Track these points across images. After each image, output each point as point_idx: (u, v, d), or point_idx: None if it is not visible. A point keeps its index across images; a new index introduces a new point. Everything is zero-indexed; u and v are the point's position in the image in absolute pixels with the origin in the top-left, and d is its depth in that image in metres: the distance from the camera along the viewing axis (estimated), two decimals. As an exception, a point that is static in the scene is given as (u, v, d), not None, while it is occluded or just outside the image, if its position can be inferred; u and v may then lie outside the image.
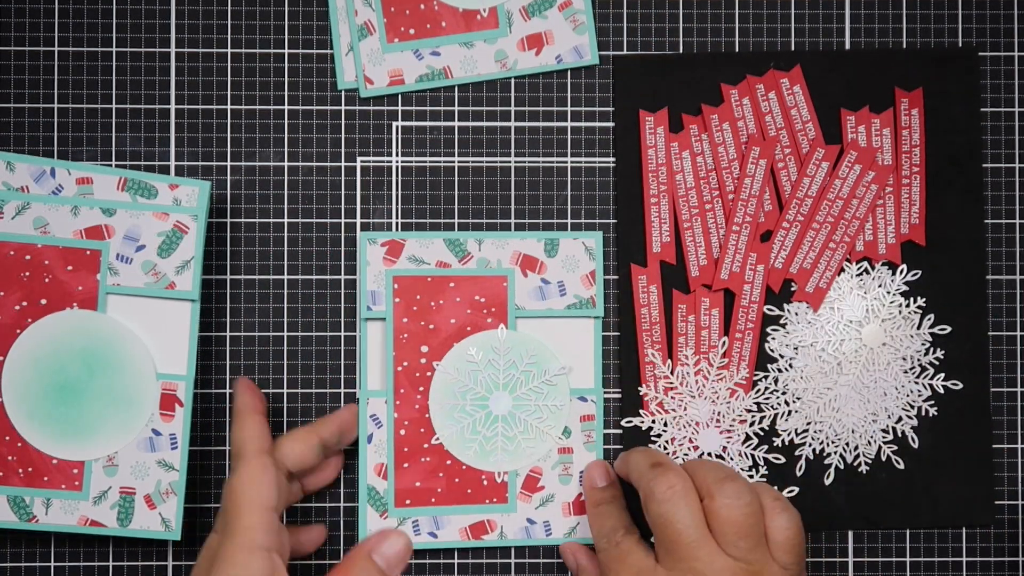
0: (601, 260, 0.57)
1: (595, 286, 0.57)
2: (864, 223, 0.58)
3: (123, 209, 0.55)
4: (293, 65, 0.58)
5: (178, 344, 0.56)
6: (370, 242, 0.57)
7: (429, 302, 0.57)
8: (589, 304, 0.57)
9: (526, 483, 0.57)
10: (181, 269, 0.55)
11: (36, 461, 0.56)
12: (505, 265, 0.57)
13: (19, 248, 0.55)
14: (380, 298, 0.57)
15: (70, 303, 0.55)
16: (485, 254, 0.57)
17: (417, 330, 0.57)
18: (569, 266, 0.57)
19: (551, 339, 0.57)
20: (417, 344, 0.57)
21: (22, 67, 0.58)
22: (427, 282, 0.57)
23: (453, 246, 0.57)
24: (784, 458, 0.58)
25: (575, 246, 0.57)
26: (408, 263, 0.57)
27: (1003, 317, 0.59)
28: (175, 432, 0.56)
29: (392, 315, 0.57)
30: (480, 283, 0.57)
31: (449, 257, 0.57)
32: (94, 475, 0.56)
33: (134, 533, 0.56)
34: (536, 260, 0.57)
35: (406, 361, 0.57)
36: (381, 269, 0.57)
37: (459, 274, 0.57)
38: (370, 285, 0.57)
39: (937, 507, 0.58)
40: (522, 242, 0.57)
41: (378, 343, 0.57)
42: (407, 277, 0.57)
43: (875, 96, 0.58)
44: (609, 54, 0.59)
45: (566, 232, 0.57)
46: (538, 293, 0.57)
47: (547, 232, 0.57)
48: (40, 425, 0.55)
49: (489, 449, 0.57)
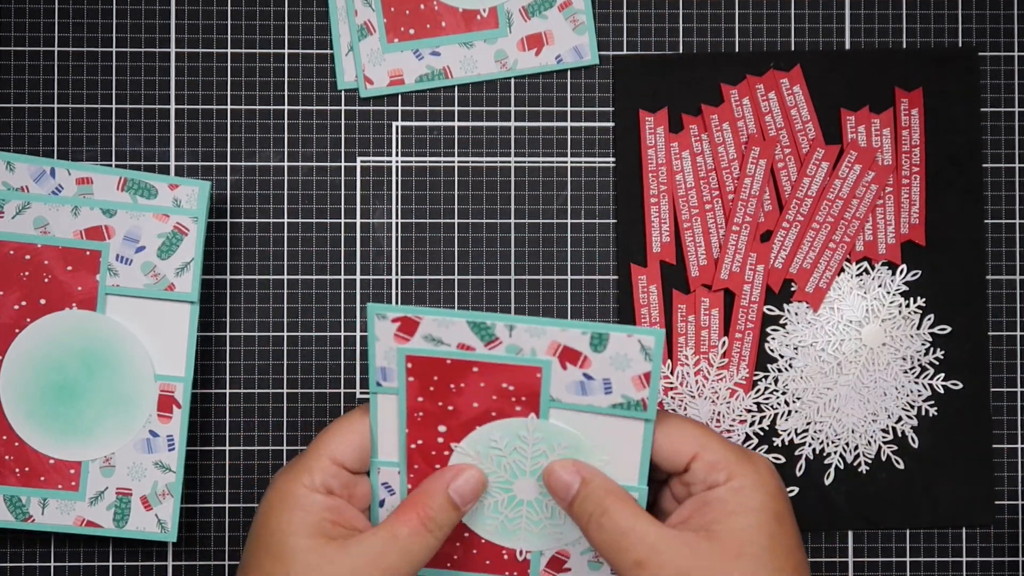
0: (659, 362, 0.47)
1: (648, 388, 0.48)
2: (864, 223, 0.58)
3: (123, 210, 0.55)
4: (293, 65, 0.58)
5: (177, 346, 0.56)
6: (379, 317, 0.48)
7: (448, 384, 0.49)
8: (639, 407, 0.48)
9: (551, 563, 0.52)
10: (181, 271, 0.55)
11: (33, 461, 0.56)
12: (540, 355, 0.48)
13: (19, 248, 0.55)
14: (392, 375, 0.49)
15: (69, 303, 0.55)
16: (517, 341, 0.48)
17: (434, 410, 0.50)
18: (619, 364, 0.48)
19: (591, 434, 0.49)
20: (434, 423, 0.50)
21: (22, 67, 0.58)
22: (446, 364, 0.49)
23: (478, 329, 0.48)
24: (784, 458, 0.58)
25: (628, 343, 0.47)
26: (424, 343, 0.48)
27: (1003, 317, 0.59)
28: (172, 434, 0.56)
29: (405, 394, 0.49)
30: (509, 371, 0.49)
31: (473, 341, 0.48)
32: (91, 475, 0.56)
33: (130, 534, 0.56)
34: (579, 354, 0.48)
35: (420, 439, 0.50)
36: (392, 346, 0.49)
37: (485, 359, 0.48)
38: (380, 361, 0.49)
39: (937, 507, 0.58)
40: (562, 332, 0.47)
41: (391, 415, 0.50)
42: (423, 358, 0.49)
43: (875, 96, 0.58)
44: (609, 54, 0.59)
45: (618, 326, 0.47)
46: (578, 388, 0.49)
47: (594, 324, 0.47)
48: (38, 425, 0.55)
49: (512, 529, 0.51)
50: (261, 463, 0.58)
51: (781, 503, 0.47)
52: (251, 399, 0.58)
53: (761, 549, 0.45)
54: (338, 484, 0.49)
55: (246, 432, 0.58)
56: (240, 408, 0.58)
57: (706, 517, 0.46)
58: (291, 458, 0.57)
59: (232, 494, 0.58)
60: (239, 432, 0.58)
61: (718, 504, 0.46)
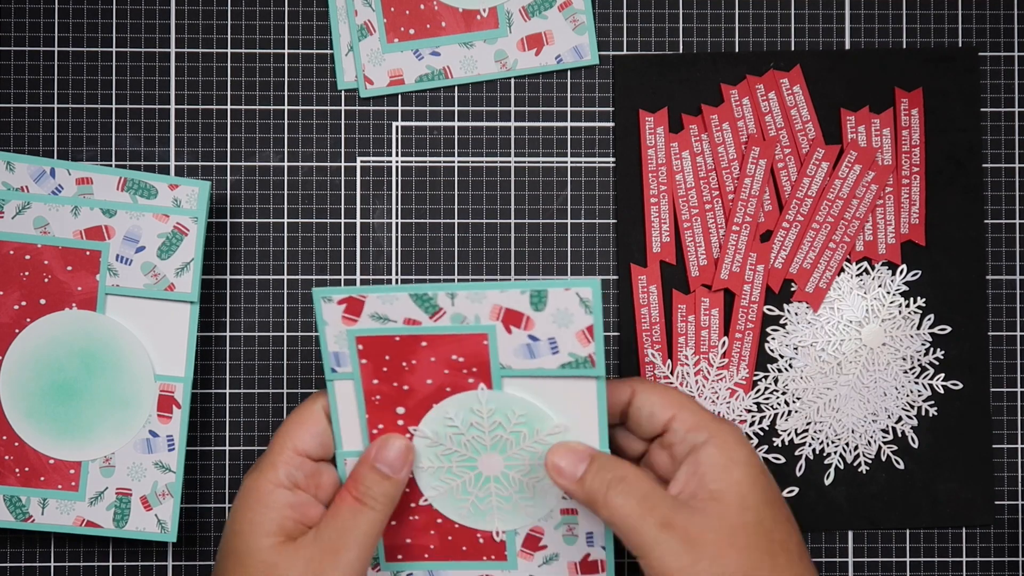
0: (599, 314, 0.48)
1: (593, 342, 0.48)
2: (864, 223, 0.58)
3: (124, 210, 0.55)
4: (293, 65, 0.58)
5: (177, 346, 0.56)
6: (325, 301, 0.49)
7: (400, 363, 0.50)
8: (587, 363, 0.49)
9: (527, 542, 0.53)
10: (181, 271, 0.55)
11: (33, 461, 0.56)
12: (484, 321, 0.49)
13: (19, 248, 0.55)
14: (345, 359, 0.50)
15: (69, 303, 0.55)
16: (460, 309, 0.48)
17: (391, 391, 0.50)
18: (561, 320, 0.48)
19: (546, 399, 0.50)
20: (392, 405, 0.50)
21: (22, 67, 0.58)
22: (396, 342, 0.49)
23: (421, 301, 0.48)
24: (784, 458, 0.58)
25: (567, 298, 0.48)
26: (371, 321, 0.49)
27: (1003, 317, 0.59)
28: (172, 434, 0.56)
29: (360, 377, 0.50)
30: (456, 341, 0.49)
31: (418, 314, 0.49)
32: (90, 476, 0.56)
33: (129, 534, 0.56)
34: (521, 315, 0.48)
35: (381, 423, 0.51)
36: (342, 329, 0.49)
37: (432, 332, 0.49)
38: (332, 346, 0.50)
39: (937, 507, 0.58)
40: (502, 294, 0.48)
41: (350, 402, 0.51)
42: (372, 337, 0.49)
43: (875, 96, 0.58)
44: (609, 54, 0.59)
45: (554, 281, 0.48)
46: (526, 351, 0.49)
47: (532, 282, 0.48)
48: (37, 424, 0.55)
49: (483, 509, 0.52)
50: (261, 463, 0.58)
51: (758, 457, 0.50)
52: (251, 399, 0.58)
53: (759, 499, 0.48)
54: (303, 476, 0.50)
55: (246, 432, 0.58)
56: (240, 408, 0.58)
57: (705, 479, 0.48)
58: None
59: (232, 494, 0.58)
60: (239, 432, 0.58)
61: (708, 462, 0.48)
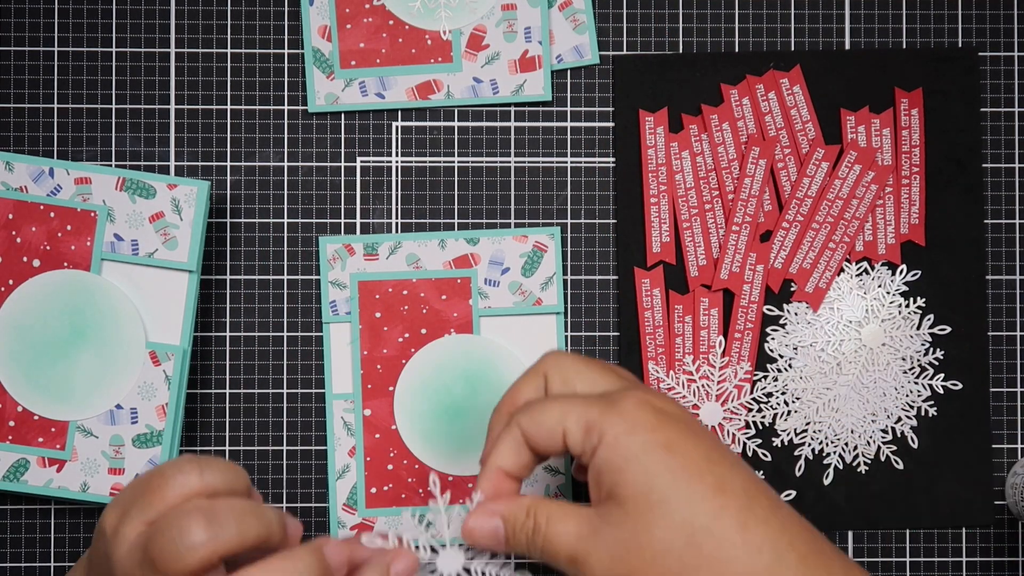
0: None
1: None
2: (864, 223, 0.58)
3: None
4: (293, 65, 0.58)
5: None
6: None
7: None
8: None
9: (471, 42, 0.57)
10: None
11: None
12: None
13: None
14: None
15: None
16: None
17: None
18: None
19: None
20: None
21: (22, 67, 0.58)
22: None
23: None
24: (784, 458, 0.58)
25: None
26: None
27: (1003, 317, 0.59)
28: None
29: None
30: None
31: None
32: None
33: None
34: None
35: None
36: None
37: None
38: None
39: (937, 507, 0.58)
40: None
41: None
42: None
43: (875, 96, 0.58)
44: (609, 54, 0.59)
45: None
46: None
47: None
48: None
49: (432, 7, 0.57)
50: (261, 463, 0.58)
51: (665, 430, 0.44)
52: (251, 399, 0.58)
53: (666, 489, 0.43)
54: None
55: (246, 432, 0.58)
56: (240, 408, 0.58)
57: (605, 485, 0.44)
58: (291, 458, 0.58)
59: (232, 494, 0.58)
60: (239, 432, 0.58)
61: (605, 467, 0.44)
